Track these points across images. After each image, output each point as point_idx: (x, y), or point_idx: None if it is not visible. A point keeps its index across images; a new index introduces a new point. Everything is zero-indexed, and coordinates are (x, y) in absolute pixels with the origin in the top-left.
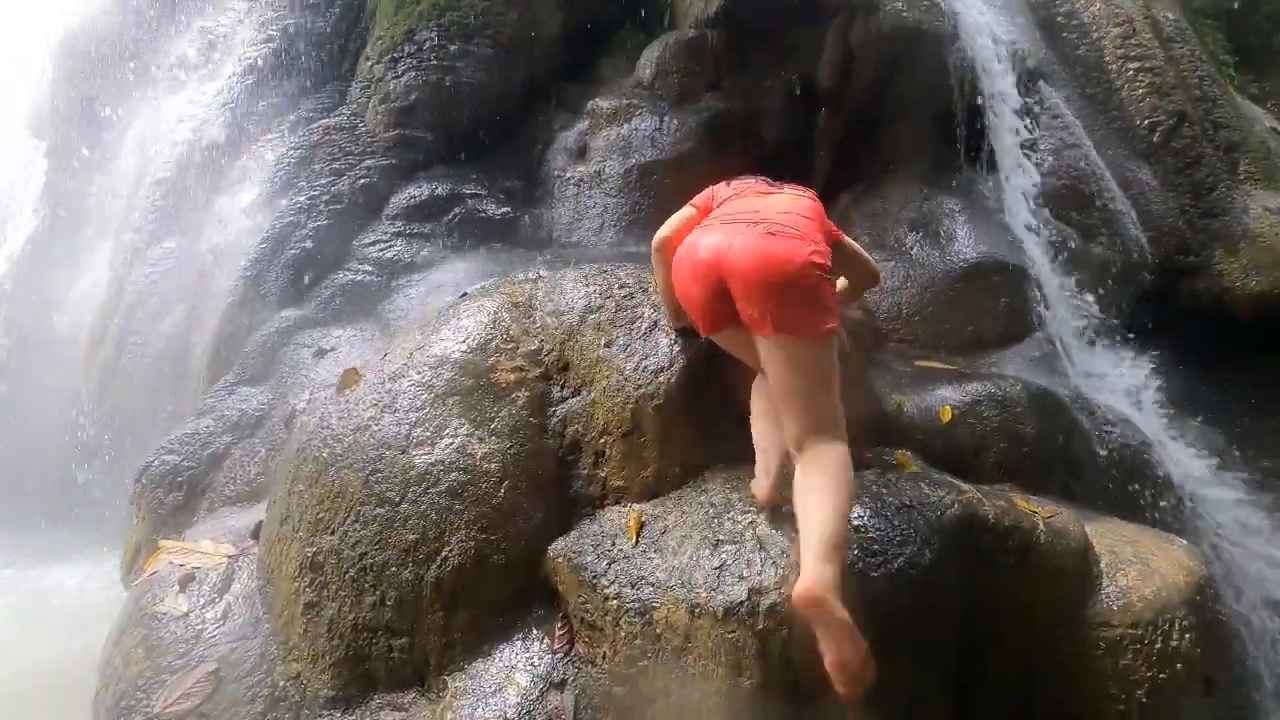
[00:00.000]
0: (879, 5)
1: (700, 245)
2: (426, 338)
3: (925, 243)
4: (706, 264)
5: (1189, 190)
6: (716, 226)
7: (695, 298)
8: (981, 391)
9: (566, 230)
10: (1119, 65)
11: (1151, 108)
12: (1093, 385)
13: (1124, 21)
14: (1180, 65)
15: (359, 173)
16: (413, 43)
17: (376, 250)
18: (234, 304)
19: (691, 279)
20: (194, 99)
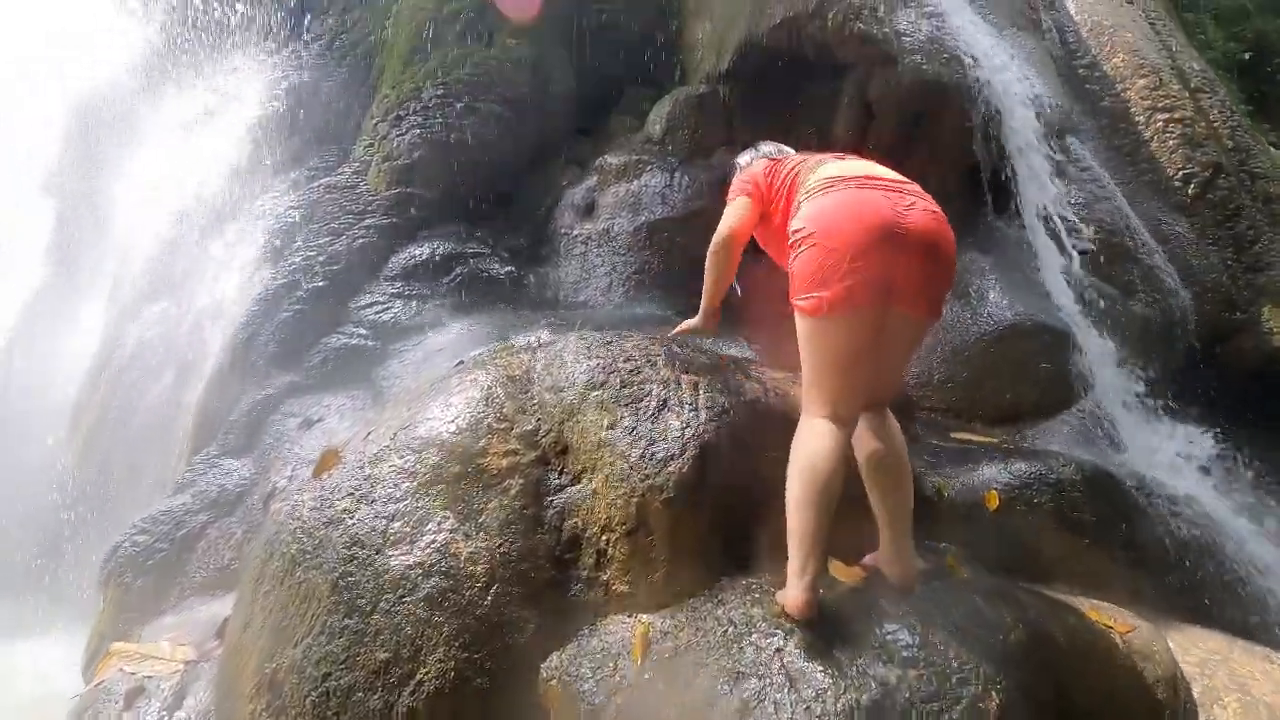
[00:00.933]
0: (897, 58)
1: (879, 203)
2: (413, 416)
3: (955, 302)
4: (902, 226)
5: (1230, 244)
6: (864, 187)
7: (864, 264)
8: (1030, 472)
9: (573, 290)
10: (1147, 116)
11: (1185, 159)
12: (1149, 459)
13: (1150, 72)
14: (1210, 116)
15: (358, 232)
16: (418, 100)
17: (373, 313)
18: (222, 369)
19: (882, 240)
20: (196, 158)
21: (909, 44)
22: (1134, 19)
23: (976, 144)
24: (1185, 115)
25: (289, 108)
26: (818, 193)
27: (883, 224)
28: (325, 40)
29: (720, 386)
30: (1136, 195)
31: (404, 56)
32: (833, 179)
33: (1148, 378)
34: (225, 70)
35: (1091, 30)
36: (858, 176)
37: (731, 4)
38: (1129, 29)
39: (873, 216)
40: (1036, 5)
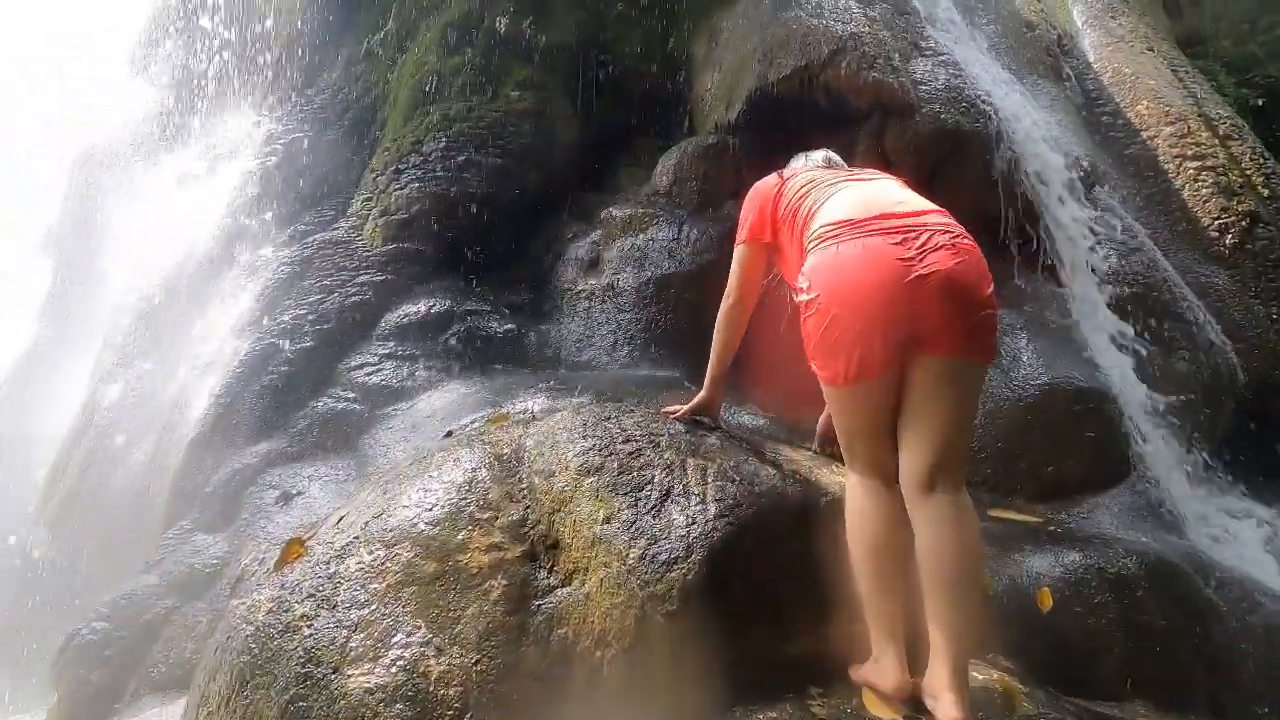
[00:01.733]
0: (915, 107)
1: (884, 261)
2: (388, 502)
3: None
4: (901, 282)
5: (1274, 297)
6: (870, 235)
7: (874, 329)
8: (1086, 565)
9: (575, 348)
10: (1177, 165)
11: (1219, 208)
12: (1212, 539)
13: (1177, 119)
14: (1243, 163)
15: (351, 290)
16: (419, 153)
17: (363, 374)
18: (202, 435)
19: (893, 302)
20: (190, 214)
21: (926, 93)
22: (1156, 66)
23: (1000, 195)
24: (1217, 163)
25: (287, 162)
26: (824, 243)
27: (892, 280)
28: (328, 95)
29: (731, 473)
30: (1171, 246)
31: (406, 110)
32: (840, 224)
33: (1199, 443)
34: (225, 126)
35: (1113, 77)
36: (867, 219)
37: (740, 54)
38: (1151, 76)
39: (881, 274)
40: (1055, 53)
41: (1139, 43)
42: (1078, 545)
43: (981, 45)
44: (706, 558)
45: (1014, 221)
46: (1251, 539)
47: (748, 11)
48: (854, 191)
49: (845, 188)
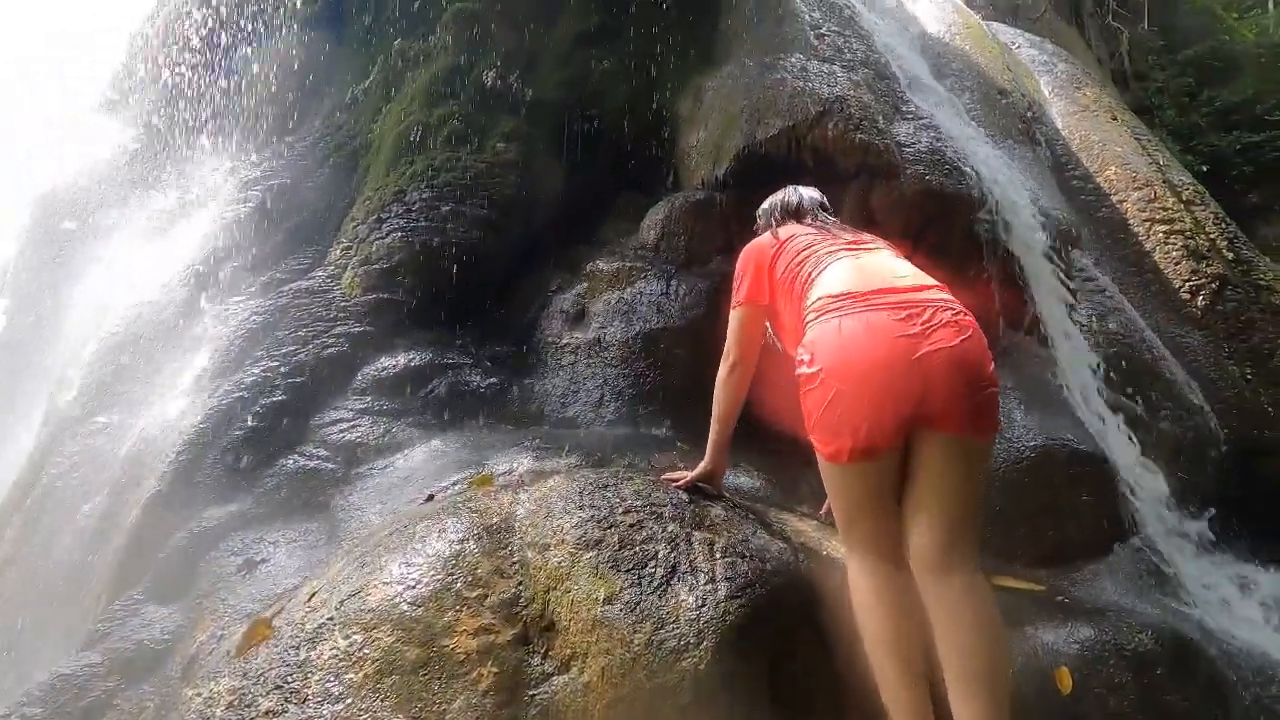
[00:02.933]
0: (900, 169)
1: (904, 332)
2: (366, 578)
3: None
4: (906, 360)
5: (1248, 358)
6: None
7: (879, 406)
8: (1102, 642)
9: (560, 404)
10: (1146, 228)
11: (1190, 271)
12: (1216, 608)
13: (1143, 185)
14: (1207, 228)
15: (328, 341)
16: (402, 203)
17: (337, 431)
18: (159, 494)
19: (900, 380)
20: (159, 259)
21: (910, 154)
22: (1120, 134)
23: (984, 255)
24: (1184, 227)
25: (264, 208)
26: (825, 316)
27: (897, 358)
28: (309, 142)
29: (740, 548)
30: (1145, 306)
31: (389, 159)
32: (841, 297)
33: (1188, 505)
34: (199, 170)
35: (1081, 144)
36: (869, 292)
37: (727, 113)
38: (1117, 143)
39: (886, 350)
40: (1028, 119)
41: (1104, 112)
42: (1089, 618)
43: (959, 110)
44: (719, 644)
45: (999, 282)
46: (1254, 608)
47: (732, 73)
48: (853, 262)
49: (843, 257)
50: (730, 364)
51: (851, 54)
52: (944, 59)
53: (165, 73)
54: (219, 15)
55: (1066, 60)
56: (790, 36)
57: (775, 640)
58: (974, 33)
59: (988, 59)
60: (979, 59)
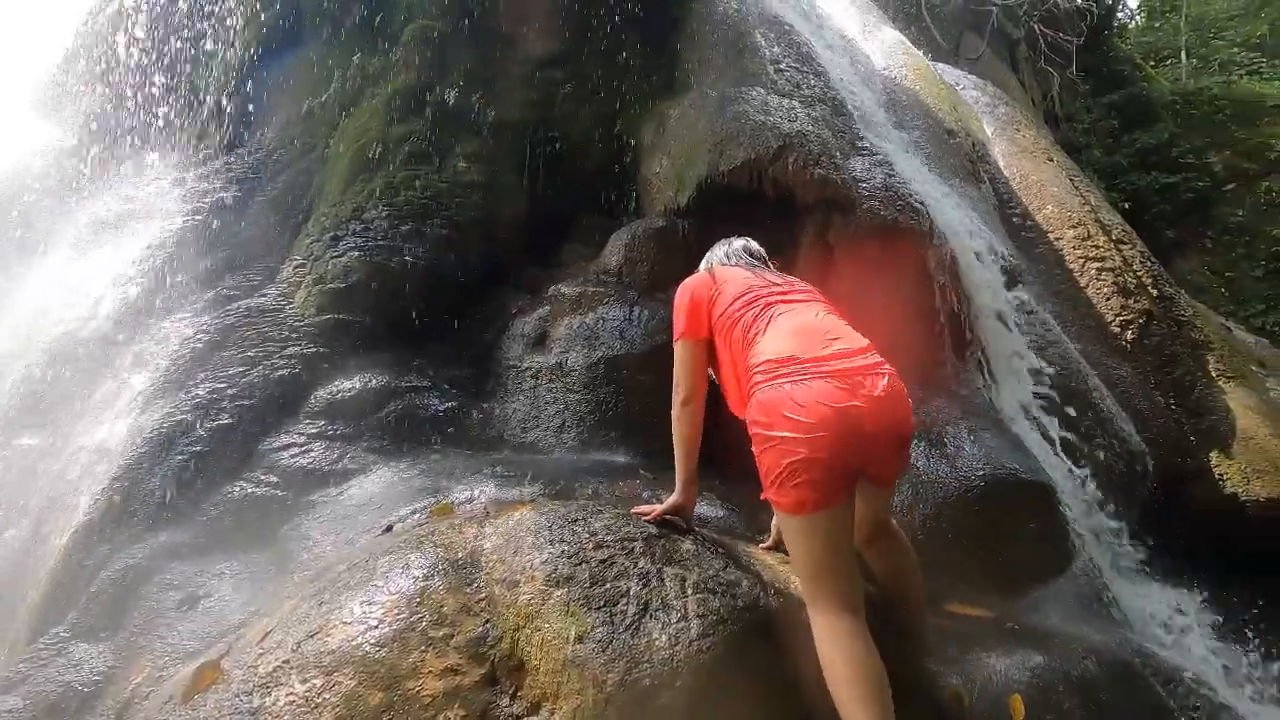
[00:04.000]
0: (856, 203)
1: (852, 398)
2: (325, 617)
3: (930, 453)
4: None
5: (1172, 389)
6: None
7: (847, 459)
8: (1051, 667)
9: (520, 429)
10: (1080, 265)
11: (1120, 306)
12: (1149, 629)
13: (1077, 224)
14: (1135, 266)
15: (279, 362)
16: (359, 220)
17: (288, 456)
18: (91, 522)
19: (855, 440)
20: (97, 272)
21: (866, 190)
22: (1056, 175)
23: (935, 288)
24: (1115, 265)
25: (211, 222)
26: (774, 381)
27: (848, 424)
28: (261, 154)
29: (712, 583)
30: (1081, 338)
31: (347, 176)
32: (787, 361)
33: (1125, 531)
34: (143, 179)
35: (1021, 183)
36: (813, 360)
37: (689, 142)
38: (1054, 184)
39: (836, 418)
40: (974, 158)
41: (1041, 154)
42: (1038, 644)
43: (910, 148)
44: (693, 684)
45: (947, 313)
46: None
47: (695, 102)
48: (791, 323)
49: (782, 314)
50: (682, 397)
51: (810, 89)
52: (896, 97)
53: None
54: (167, 18)
55: (1006, 103)
56: (751, 70)
57: (747, 678)
58: (923, 73)
59: (936, 99)
60: (928, 99)
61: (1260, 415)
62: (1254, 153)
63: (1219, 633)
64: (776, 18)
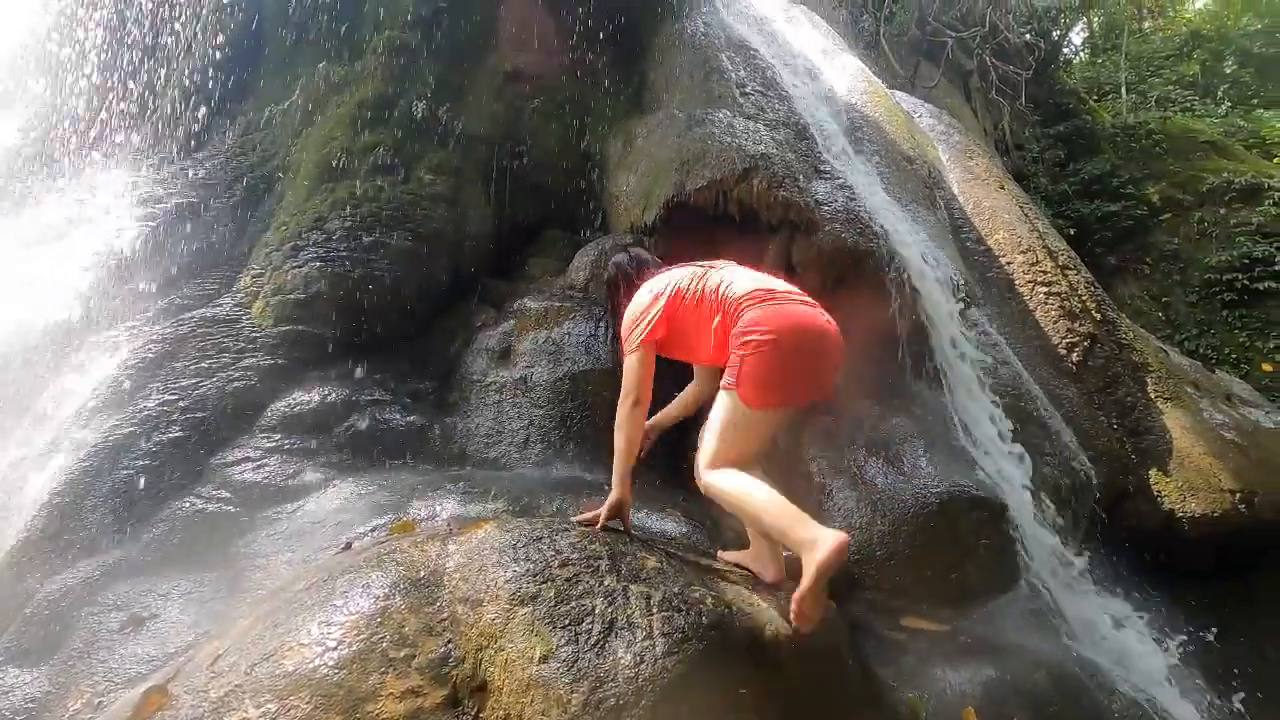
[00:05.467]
0: (819, 225)
1: (819, 323)
2: (281, 639)
3: (888, 470)
4: (830, 341)
5: (1114, 409)
6: (797, 302)
7: (805, 370)
8: (1001, 680)
9: (484, 444)
10: (1030, 289)
11: (1066, 329)
12: (1095, 643)
13: (1027, 249)
14: (1079, 290)
15: (234, 374)
16: (321, 230)
17: (241, 471)
18: (29, 540)
19: (821, 357)
20: (43, 276)
21: (828, 212)
22: (1007, 202)
23: (894, 310)
24: (1061, 290)
25: (166, 228)
26: (763, 303)
27: (821, 336)
28: (220, 160)
29: (676, 601)
30: (1030, 360)
31: (309, 184)
32: (770, 291)
33: (1070, 546)
34: (94, 182)
35: (974, 209)
36: (782, 291)
37: (656, 161)
38: (1005, 210)
39: (817, 332)
40: (931, 184)
41: (993, 181)
42: (990, 657)
43: (870, 172)
44: (658, 703)
45: (905, 334)
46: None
47: (662, 122)
48: (746, 275)
49: (735, 274)
50: (632, 402)
51: (774, 113)
52: (857, 123)
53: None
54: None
55: (961, 131)
56: (717, 93)
57: (712, 695)
58: (882, 101)
59: (894, 126)
60: (887, 126)
61: (1195, 435)
62: (1187, 184)
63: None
64: (743, 42)
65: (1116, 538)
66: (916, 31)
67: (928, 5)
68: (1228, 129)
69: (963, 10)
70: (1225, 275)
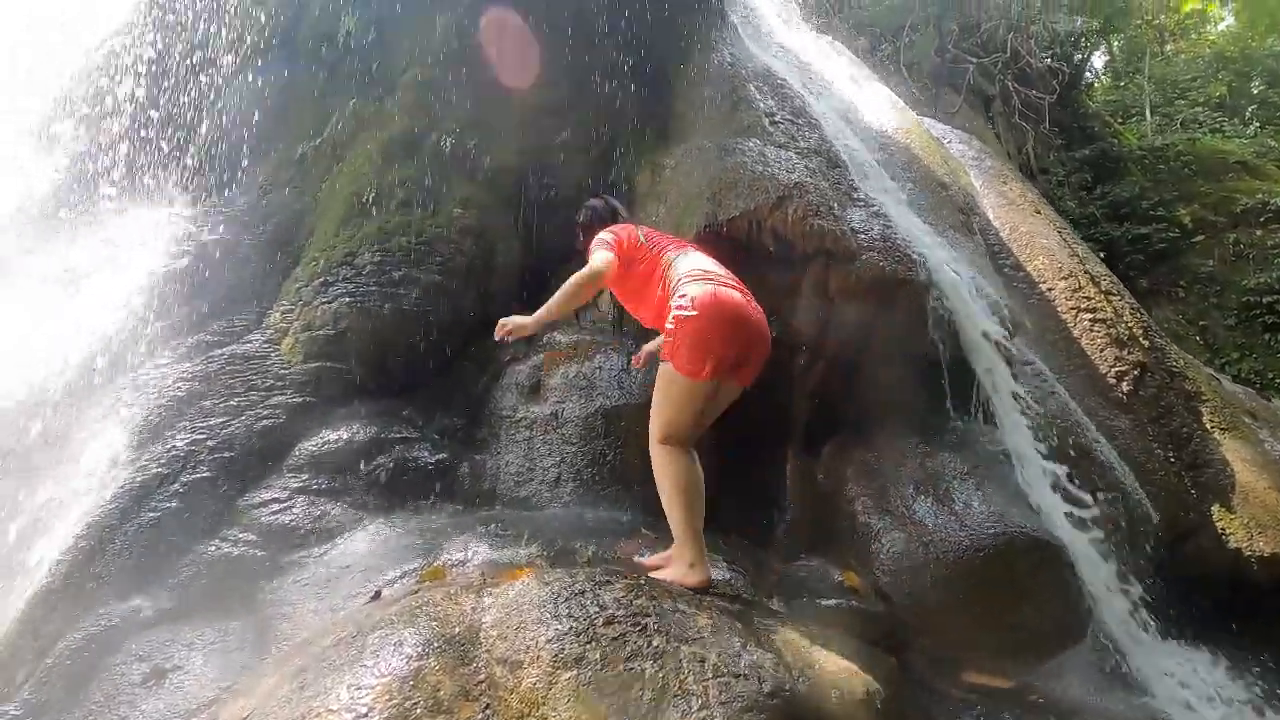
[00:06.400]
0: (856, 254)
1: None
2: (308, 703)
3: (938, 510)
4: (753, 324)
5: (1170, 441)
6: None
7: (737, 348)
8: None
9: (514, 483)
10: (1073, 316)
11: (1114, 358)
12: (1168, 697)
13: (1068, 275)
14: (1125, 317)
15: (263, 412)
16: (351, 266)
17: (268, 513)
18: (51, 586)
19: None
20: (73, 317)
21: (865, 241)
22: (1044, 227)
23: (936, 339)
24: (1106, 316)
25: (197, 265)
26: (700, 281)
27: (747, 319)
28: (252, 196)
29: (733, 664)
30: (1077, 390)
31: (339, 219)
32: (709, 273)
33: (1133, 589)
34: (129, 219)
35: (1011, 234)
36: (721, 275)
37: (686, 192)
38: (1043, 235)
39: (743, 312)
40: (968, 210)
41: (1028, 206)
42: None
43: (902, 200)
44: None
45: (948, 363)
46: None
47: (690, 152)
48: (697, 255)
49: (686, 252)
50: (592, 275)
51: (805, 141)
52: (888, 150)
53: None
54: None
55: (992, 157)
56: (746, 122)
57: None
58: (913, 128)
59: (927, 153)
60: (919, 152)
61: (1258, 468)
62: (1220, 206)
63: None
64: (770, 72)
65: (1181, 579)
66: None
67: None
68: (1258, 149)
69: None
70: (1265, 297)
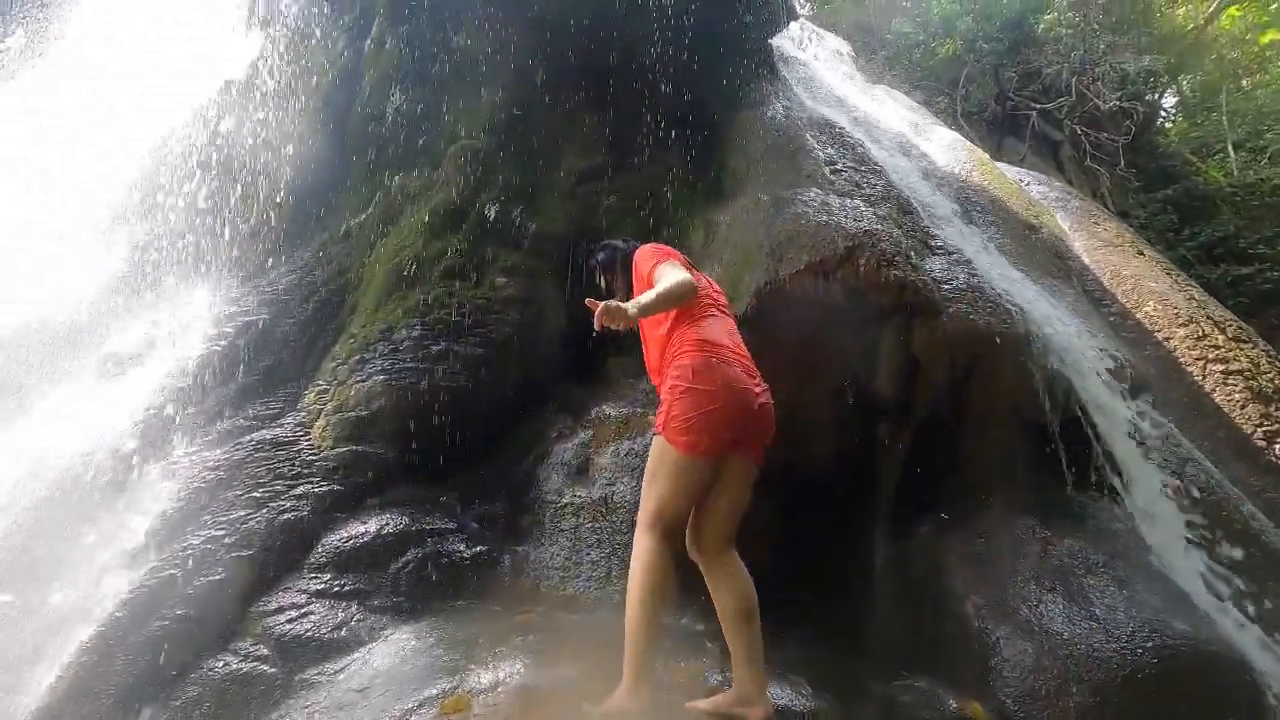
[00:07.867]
0: (940, 308)
1: (752, 390)
2: None
3: (1072, 612)
4: (758, 407)
5: None
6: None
7: (735, 428)
8: None
9: (559, 578)
10: (1201, 368)
11: (1260, 415)
12: None
13: (1188, 321)
14: (1263, 366)
15: (286, 503)
16: (388, 341)
17: (283, 620)
18: (50, 707)
19: (747, 416)
20: (113, 401)
21: (950, 291)
22: (1150, 268)
23: (1042, 399)
24: (1242, 367)
25: (237, 346)
26: (710, 354)
27: (747, 400)
28: (296, 275)
29: None
30: (1216, 455)
31: (380, 294)
32: (720, 346)
33: None
34: (174, 303)
35: (1112, 279)
36: (735, 353)
37: (744, 249)
38: (1151, 279)
39: (741, 392)
40: (1064, 254)
41: (1128, 246)
42: None
43: (987, 245)
44: None
45: (1060, 429)
46: None
47: (746, 207)
48: (722, 324)
49: (716, 316)
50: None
51: (871, 188)
52: (965, 194)
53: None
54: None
55: (1078, 196)
56: (805, 171)
57: None
58: (988, 169)
59: (1009, 195)
60: (999, 194)
61: None
62: None
63: None
64: (826, 121)
65: None
66: (997, 107)
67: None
68: None
69: (1045, 83)
70: None
